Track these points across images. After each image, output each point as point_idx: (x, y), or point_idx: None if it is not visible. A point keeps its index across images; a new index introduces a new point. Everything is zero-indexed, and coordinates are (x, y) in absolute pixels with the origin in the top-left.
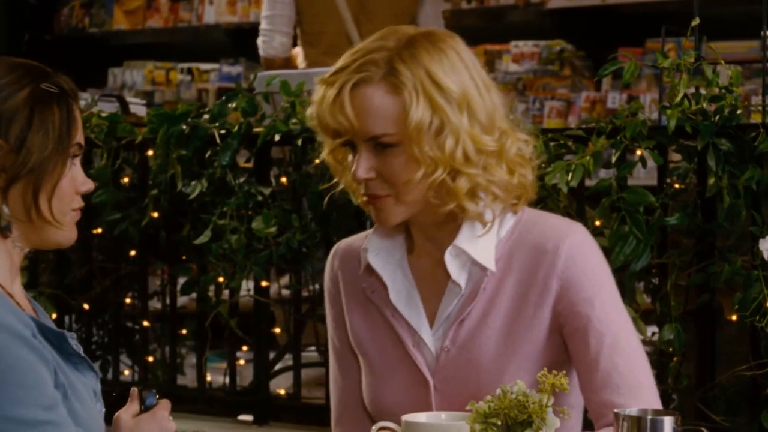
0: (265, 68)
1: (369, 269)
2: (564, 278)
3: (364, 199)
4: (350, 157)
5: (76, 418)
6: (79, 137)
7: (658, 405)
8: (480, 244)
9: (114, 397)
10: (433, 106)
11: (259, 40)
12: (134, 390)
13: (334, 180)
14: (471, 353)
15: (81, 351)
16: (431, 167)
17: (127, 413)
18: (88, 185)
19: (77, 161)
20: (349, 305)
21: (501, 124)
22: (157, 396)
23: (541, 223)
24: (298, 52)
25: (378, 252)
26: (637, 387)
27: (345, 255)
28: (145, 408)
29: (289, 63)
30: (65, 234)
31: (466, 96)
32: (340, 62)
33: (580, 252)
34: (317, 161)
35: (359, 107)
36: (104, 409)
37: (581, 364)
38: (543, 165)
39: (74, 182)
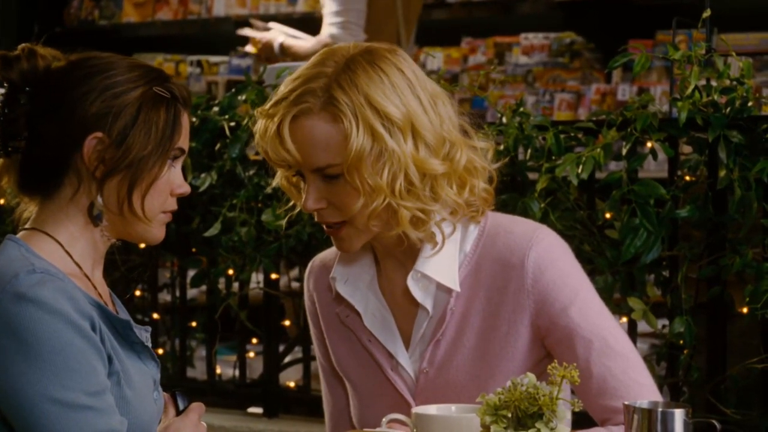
0: None
1: (340, 295)
2: (536, 293)
3: (324, 226)
4: (302, 184)
5: (126, 405)
6: (182, 142)
7: (658, 399)
8: (442, 265)
9: None
10: (373, 133)
11: (337, 32)
12: (166, 395)
13: (291, 203)
14: (449, 374)
15: (146, 341)
16: (371, 196)
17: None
18: (184, 188)
19: (177, 164)
20: (328, 328)
21: (451, 136)
22: (187, 398)
23: (504, 234)
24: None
25: (346, 279)
26: (635, 386)
27: (318, 276)
28: (180, 411)
29: None
30: (152, 232)
31: (409, 118)
32: (279, 92)
33: (546, 261)
34: (274, 184)
35: (301, 140)
36: (162, 399)
37: None
38: (553, 158)
39: (170, 184)
